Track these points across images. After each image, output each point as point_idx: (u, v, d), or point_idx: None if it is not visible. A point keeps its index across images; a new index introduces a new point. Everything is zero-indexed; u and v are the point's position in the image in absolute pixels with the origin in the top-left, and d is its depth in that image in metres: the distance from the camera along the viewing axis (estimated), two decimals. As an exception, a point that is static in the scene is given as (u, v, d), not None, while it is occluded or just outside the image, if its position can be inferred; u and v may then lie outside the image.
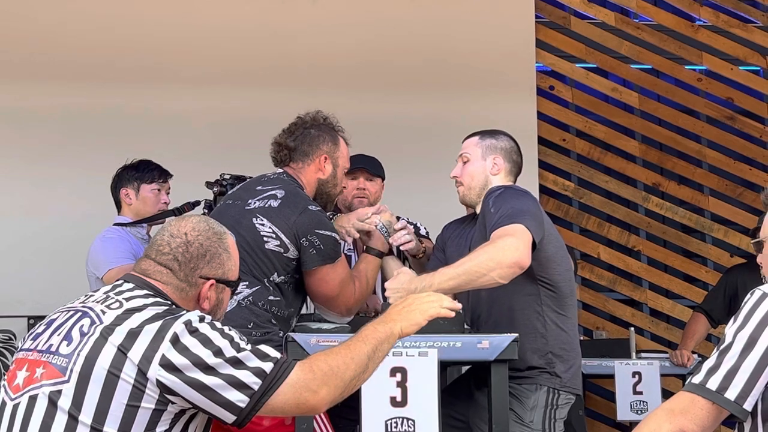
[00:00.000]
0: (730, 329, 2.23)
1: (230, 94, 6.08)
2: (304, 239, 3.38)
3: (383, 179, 4.24)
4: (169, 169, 4.63)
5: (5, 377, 2.37)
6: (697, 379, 2.21)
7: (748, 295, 2.26)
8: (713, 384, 2.18)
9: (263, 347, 2.31)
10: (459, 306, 2.56)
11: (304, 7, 6.28)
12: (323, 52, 6.21)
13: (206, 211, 4.00)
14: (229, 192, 3.67)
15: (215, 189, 3.77)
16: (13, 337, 5.09)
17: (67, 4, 6.03)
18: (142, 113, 5.98)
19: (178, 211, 4.23)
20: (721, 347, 2.21)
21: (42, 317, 5.49)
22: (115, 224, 4.47)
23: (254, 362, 2.26)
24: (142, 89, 6.01)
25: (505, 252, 3.14)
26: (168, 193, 4.54)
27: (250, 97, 6.07)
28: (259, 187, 3.52)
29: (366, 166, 4.14)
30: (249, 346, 2.29)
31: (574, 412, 4.80)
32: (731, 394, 2.17)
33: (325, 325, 3.43)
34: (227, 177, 3.76)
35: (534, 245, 3.22)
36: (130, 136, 5.81)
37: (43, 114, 5.93)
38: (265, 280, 3.39)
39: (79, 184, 5.85)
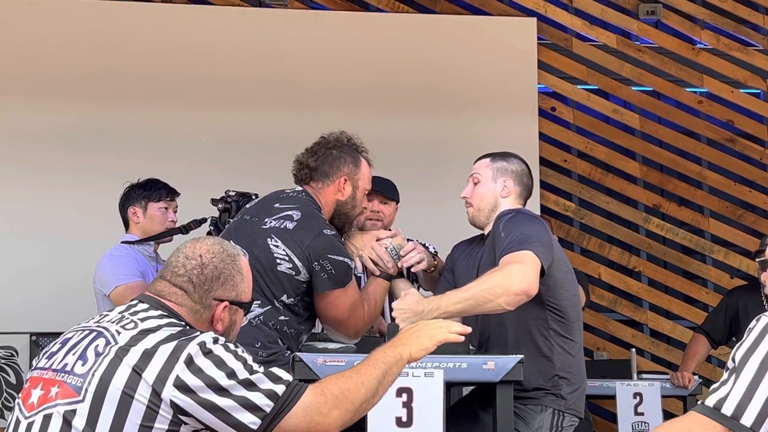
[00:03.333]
0: (738, 353, 2.26)
1: (235, 113, 6.11)
2: (316, 263, 3.40)
3: (398, 202, 4.23)
4: (174, 187, 4.65)
5: (19, 395, 2.39)
6: (711, 401, 2.23)
7: (755, 322, 2.29)
8: (728, 409, 2.21)
9: (276, 370, 2.33)
10: (468, 330, 2.58)
11: (307, 27, 6.32)
12: (326, 72, 6.24)
13: (212, 228, 4.01)
14: (248, 206, 3.67)
15: (220, 206, 3.78)
16: (14, 354, 5.11)
17: (73, 24, 6.05)
18: (146, 132, 6.00)
19: (185, 229, 4.25)
20: (733, 369, 2.24)
21: (44, 334, 5.50)
22: (122, 242, 4.49)
23: (267, 384, 2.28)
24: (147, 108, 6.04)
25: (513, 279, 3.15)
26: (175, 212, 4.56)
27: (254, 116, 6.11)
28: (278, 205, 3.53)
29: (381, 189, 4.11)
30: (262, 369, 2.31)
31: (582, 435, 4.81)
32: (747, 420, 2.20)
33: (331, 345, 3.46)
34: (232, 194, 3.77)
35: (543, 271, 3.24)
36: (134, 155, 5.83)
37: (47, 133, 5.94)
38: (276, 301, 3.41)
39: (81, 202, 5.87)
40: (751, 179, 6.78)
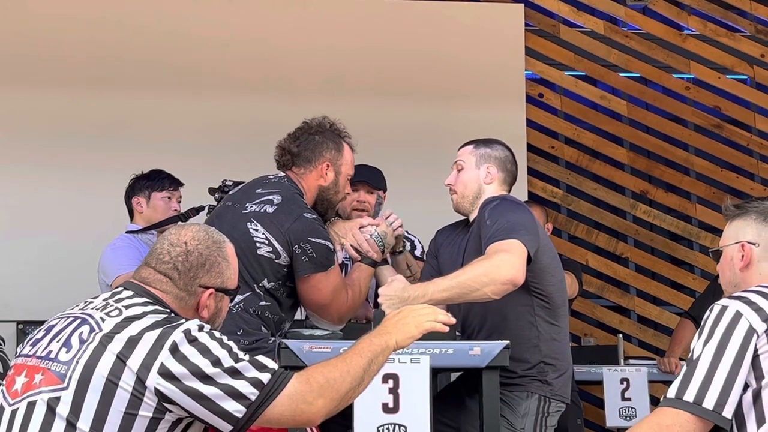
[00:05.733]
0: (697, 343, 2.31)
1: (231, 100, 6.10)
2: (296, 246, 3.38)
3: (385, 191, 4.22)
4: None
5: (3, 383, 2.38)
6: (671, 393, 2.28)
7: (708, 312, 2.36)
8: (690, 396, 2.25)
9: (261, 358, 2.33)
10: (453, 321, 2.58)
11: (295, 13, 6.30)
12: (314, 58, 6.24)
13: None
14: (232, 192, 3.65)
15: (217, 195, 3.78)
16: (1, 342, 5.10)
17: (60, 13, 6.02)
18: (137, 123, 5.99)
19: (184, 217, 4.33)
20: (691, 360, 2.29)
21: (31, 322, 5.51)
22: (127, 232, 4.54)
23: (252, 373, 2.27)
24: (137, 98, 6.02)
25: (500, 269, 3.16)
26: (179, 202, 4.61)
27: (249, 103, 6.10)
28: (259, 190, 3.52)
29: (367, 179, 4.09)
30: (247, 357, 2.31)
31: (572, 421, 4.83)
32: (709, 403, 2.24)
33: (318, 332, 3.45)
34: (229, 183, 3.76)
35: (529, 258, 3.24)
36: (124, 146, 5.83)
37: (36, 125, 5.93)
38: (255, 285, 3.39)
39: (70, 193, 5.87)
40: (738, 165, 6.80)
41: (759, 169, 6.79)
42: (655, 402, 4.93)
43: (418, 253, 4.21)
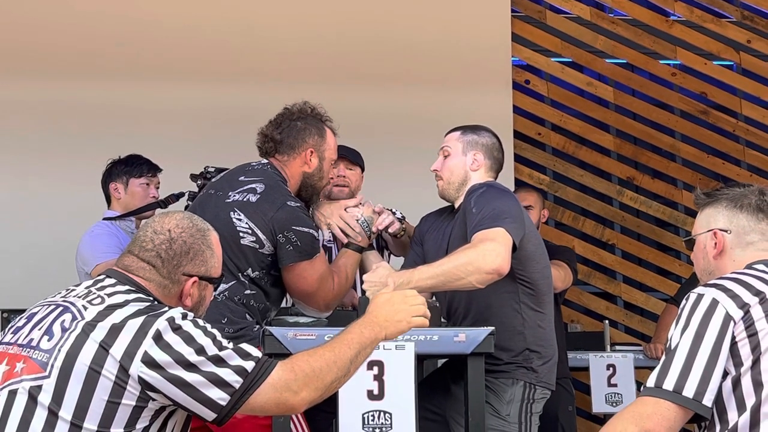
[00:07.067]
0: (675, 331, 2.32)
1: (213, 87, 6.05)
2: (280, 235, 3.36)
3: (363, 169, 4.23)
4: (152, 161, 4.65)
5: None
6: (651, 382, 2.29)
7: (684, 301, 2.37)
8: (669, 384, 2.26)
9: (245, 346, 2.32)
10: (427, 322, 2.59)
11: (279, 1, 6.28)
12: (300, 45, 6.21)
13: (190, 203, 4.00)
14: (214, 180, 3.63)
15: (199, 182, 3.76)
16: (-15, 330, 5.08)
17: (46, 6, 5.98)
18: (121, 108, 5.95)
19: (164, 204, 4.28)
20: (670, 349, 2.29)
21: (15, 311, 5.50)
22: (104, 218, 4.49)
23: (236, 361, 2.27)
24: (121, 83, 5.97)
25: (486, 258, 3.15)
26: (157, 188, 4.58)
27: (232, 89, 6.05)
28: (242, 178, 3.50)
29: (346, 154, 4.12)
30: (231, 345, 2.30)
31: (563, 408, 4.84)
32: (688, 392, 2.25)
33: (302, 319, 3.45)
34: (211, 170, 3.74)
35: (514, 246, 3.24)
36: (108, 132, 5.79)
37: (17, 108, 5.88)
38: (240, 275, 3.38)
39: (52, 178, 5.83)
40: (724, 151, 6.80)
41: (745, 155, 6.79)
42: (641, 388, 4.94)
43: (398, 216, 4.17)
